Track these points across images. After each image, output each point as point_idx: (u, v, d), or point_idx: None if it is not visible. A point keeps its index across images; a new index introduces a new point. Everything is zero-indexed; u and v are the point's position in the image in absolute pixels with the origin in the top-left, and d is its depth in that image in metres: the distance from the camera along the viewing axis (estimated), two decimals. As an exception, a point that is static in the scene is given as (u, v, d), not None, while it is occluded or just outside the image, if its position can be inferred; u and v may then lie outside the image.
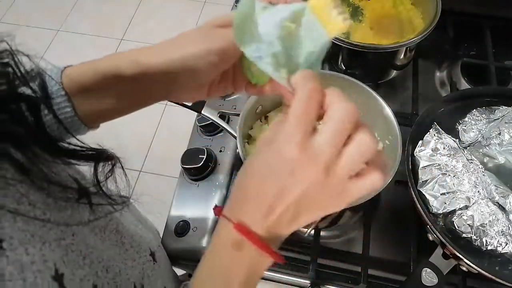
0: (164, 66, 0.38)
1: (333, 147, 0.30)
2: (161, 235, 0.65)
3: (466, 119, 0.62)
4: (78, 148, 0.34)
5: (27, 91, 0.31)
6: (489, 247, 0.51)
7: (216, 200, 0.66)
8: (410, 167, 0.57)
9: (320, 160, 0.30)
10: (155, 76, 0.38)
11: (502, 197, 0.53)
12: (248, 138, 0.65)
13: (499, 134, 0.59)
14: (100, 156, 0.35)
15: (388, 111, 0.60)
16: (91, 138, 0.39)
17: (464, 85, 0.78)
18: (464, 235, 0.52)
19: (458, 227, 0.52)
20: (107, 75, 0.38)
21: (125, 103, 0.42)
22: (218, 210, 0.35)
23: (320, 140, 0.30)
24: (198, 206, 0.65)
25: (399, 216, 0.65)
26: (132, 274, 0.42)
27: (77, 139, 0.34)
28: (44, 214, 0.30)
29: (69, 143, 0.34)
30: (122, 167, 0.37)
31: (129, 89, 0.40)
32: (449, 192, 0.54)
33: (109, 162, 0.36)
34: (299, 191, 0.31)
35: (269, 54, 0.34)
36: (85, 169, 0.37)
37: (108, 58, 0.39)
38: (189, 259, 0.62)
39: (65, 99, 0.37)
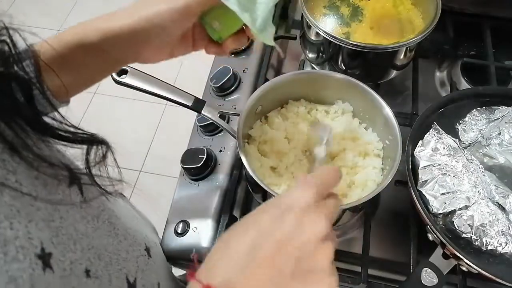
0: (132, 27, 0.40)
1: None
2: (161, 235, 0.65)
3: (466, 119, 0.62)
4: (71, 129, 0.34)
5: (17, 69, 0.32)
6: (489, 247, 0.51)
7: (216, 200, 0.66)
8: (410, 167, 0.57)
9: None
10: (123, 39, 0.40)
11: (502, 197, 0.53)
12: (248, 138, 0.65)
13: (499, 134, 0.60)
14: (93, 140, 0.36)
15: (388, 111, 0.60)
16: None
17: (464, 85, 0.78)
18: (464, 235, 0.52)
19: (458, 227, 0.52)
20: (73, 45, 0.39)
21: (93, 72, 0.44)
22: (192, 274, 0.31)
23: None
24: (198, 206, 0.65)
25: (399, 216, 0.65)
26: (125, 265, 0.42)
27: (70, 123, 0.34)
28: (31, 193, 0.30)
29: (66, 125, 0.34)
30: (114, 155, 0.38)
31: (96, 57, 0.41)
32: (449, 192, 0.54)
33: (101, 147, 0.36)
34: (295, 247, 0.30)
35: None
36: (78, 158, 0.37)
37: (73, 29, 0.41)
38: (189, 259, 0.62)
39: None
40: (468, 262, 0.49)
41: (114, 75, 0.56)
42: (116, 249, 0.41)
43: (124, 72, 0.57)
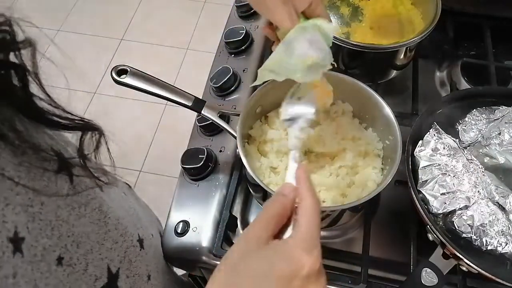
0: None
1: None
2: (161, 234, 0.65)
3: (466, 119, 0.62)
4: (65, 115, 0.34)
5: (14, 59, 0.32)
6: (489, 247, 0.51)
7: (216, 200, 0.66)
8: (410, 167, 0.57)
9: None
10: None
11: (502, 197, 0.53)
12: (248, 138, 0.65)
13: (499, 134, 0.59)
14: (86, 126, 0.36)
15: (388, 111, 0.60)
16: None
17: (464, 85, 0.78)
18: (464, 235, 0.52)
19: (458, 227, 0.52)
20: None
21: None
22: None
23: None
24: (198, 206, 0.65)
25: (399, 216, 0.65)
26: (109, 255, 0.42)
27: (65, 109, 0.35)
28: (13, 178, 0.30)
29: (60, 111, 0.34)
30: (107, 143, 0.38)
31: None
32: (449, 192, 0.54)
33: (95, 135, 0.37)
34: None
35: None
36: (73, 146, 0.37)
37: None
38: (189, 259, 0.62)
39: None
40: (468, 262, 0.49)
41: (114, 75, 0.56)
42: (100, 238, 0.41)
43: (124, 72, 0.57)
